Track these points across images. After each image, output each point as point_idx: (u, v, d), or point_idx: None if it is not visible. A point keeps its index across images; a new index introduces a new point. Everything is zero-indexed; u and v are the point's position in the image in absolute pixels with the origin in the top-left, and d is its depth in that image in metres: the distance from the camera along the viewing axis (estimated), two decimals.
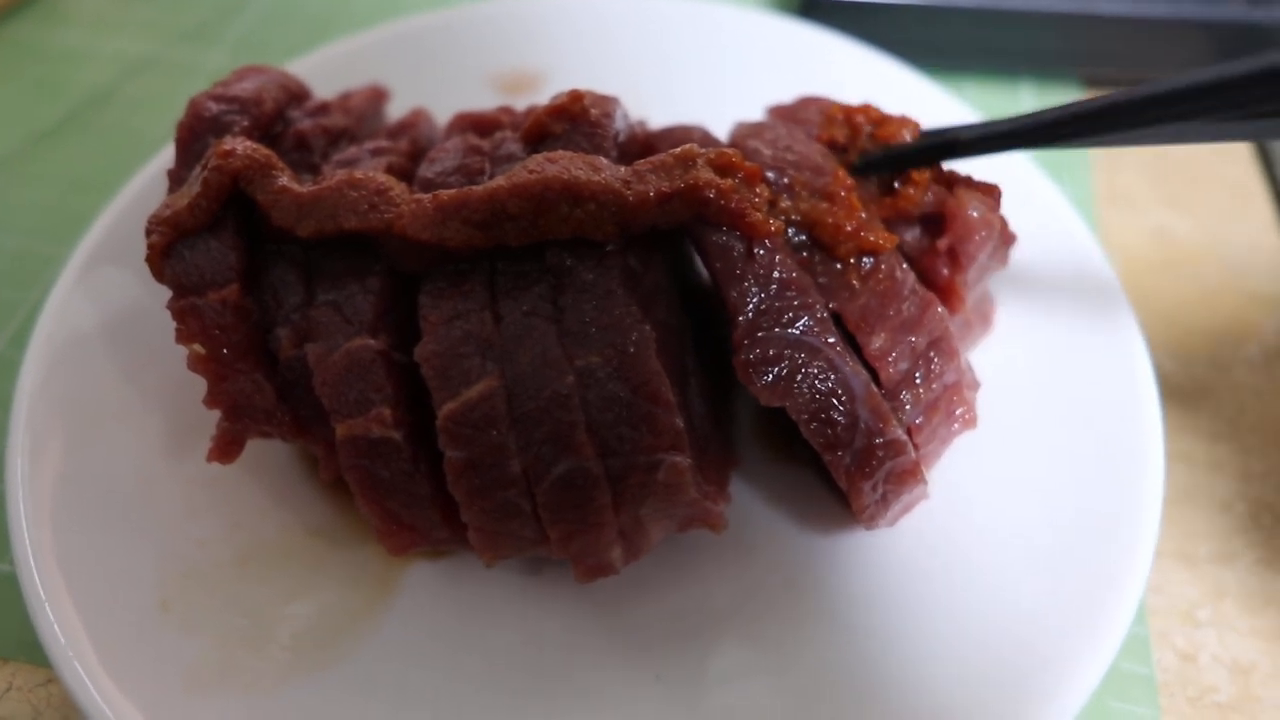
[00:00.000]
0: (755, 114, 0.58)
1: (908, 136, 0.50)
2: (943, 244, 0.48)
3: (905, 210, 0.48)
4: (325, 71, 0.66)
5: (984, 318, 0.54)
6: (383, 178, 0.45)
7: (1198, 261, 0.71)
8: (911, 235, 0.49)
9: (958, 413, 0.47)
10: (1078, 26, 0.80)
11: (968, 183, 0.49)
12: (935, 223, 0.49)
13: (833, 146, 0.51)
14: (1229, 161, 0.78)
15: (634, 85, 0.62)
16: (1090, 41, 0.81)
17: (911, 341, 0.45)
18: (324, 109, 0.54)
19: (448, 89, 0.69)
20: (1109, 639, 0.43)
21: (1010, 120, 0.49)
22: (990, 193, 0.49)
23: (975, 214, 0.48)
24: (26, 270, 0.67)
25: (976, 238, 0.48)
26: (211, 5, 0.89)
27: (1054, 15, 0.79)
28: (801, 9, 0.81)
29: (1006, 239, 0.50)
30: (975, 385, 0.49)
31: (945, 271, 0.49)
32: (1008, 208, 0.50)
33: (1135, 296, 0.56)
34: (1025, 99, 0.82)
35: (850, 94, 0.55)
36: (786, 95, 0.57)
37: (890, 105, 0.56)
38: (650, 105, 0.64)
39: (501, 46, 0.73)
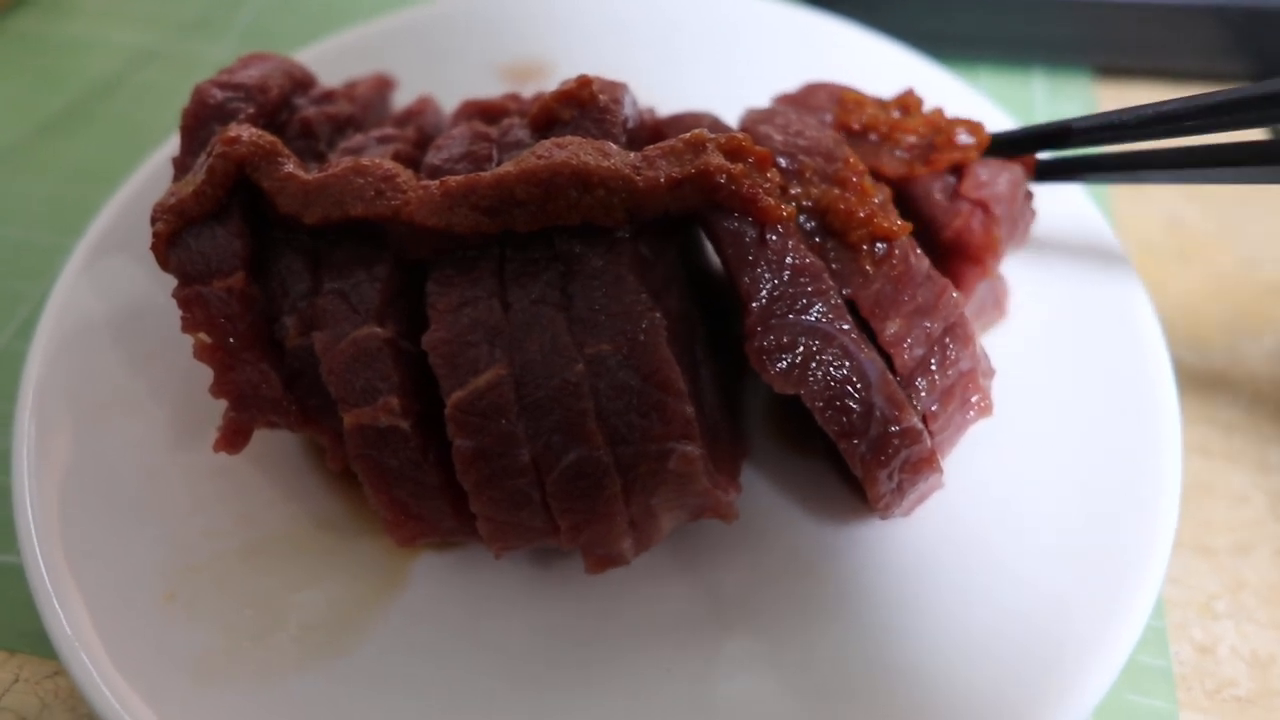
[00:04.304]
0: (763, 102, 0.57)
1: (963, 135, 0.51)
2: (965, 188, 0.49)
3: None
4: (331, 61, 0.66)
5: (997, 303, 0.54)
6: (389, 164, 0.44)
7: (1212, 251, 0.70)
8: (941, 187, 0.50)
9: (973, 400, 0.46)
10: (1090, 14, 0.79)
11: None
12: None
13: (849, 132, 0.50)
14: None
15: (642, 73, 0.61)
16: (1103, 29, 0.80)
17: (926, 327, 0.45)
18: (330, 97, 0.54)
19: (454, 78, 0.68)
20: (1127, 631, 0.42)
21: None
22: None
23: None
24: (32, 261, 0.66)
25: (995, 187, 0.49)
26: None
27: (1066, 2, 0.78)
28: None
29: (1028, 214, 0.50)
30: (990, 372, 0.48)
31: (978, 227, 0.48)
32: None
33: (1149, 286, 0.55)
34: (1038, 88, 0.82)
35: (862, 82, 0.55)
36: (797, 84, 0.56)
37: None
38: (658, 93, 0.63)
39: (508, 35, 0.72)
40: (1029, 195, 0.50)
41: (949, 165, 0.49)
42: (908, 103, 0.52)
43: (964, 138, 0.50)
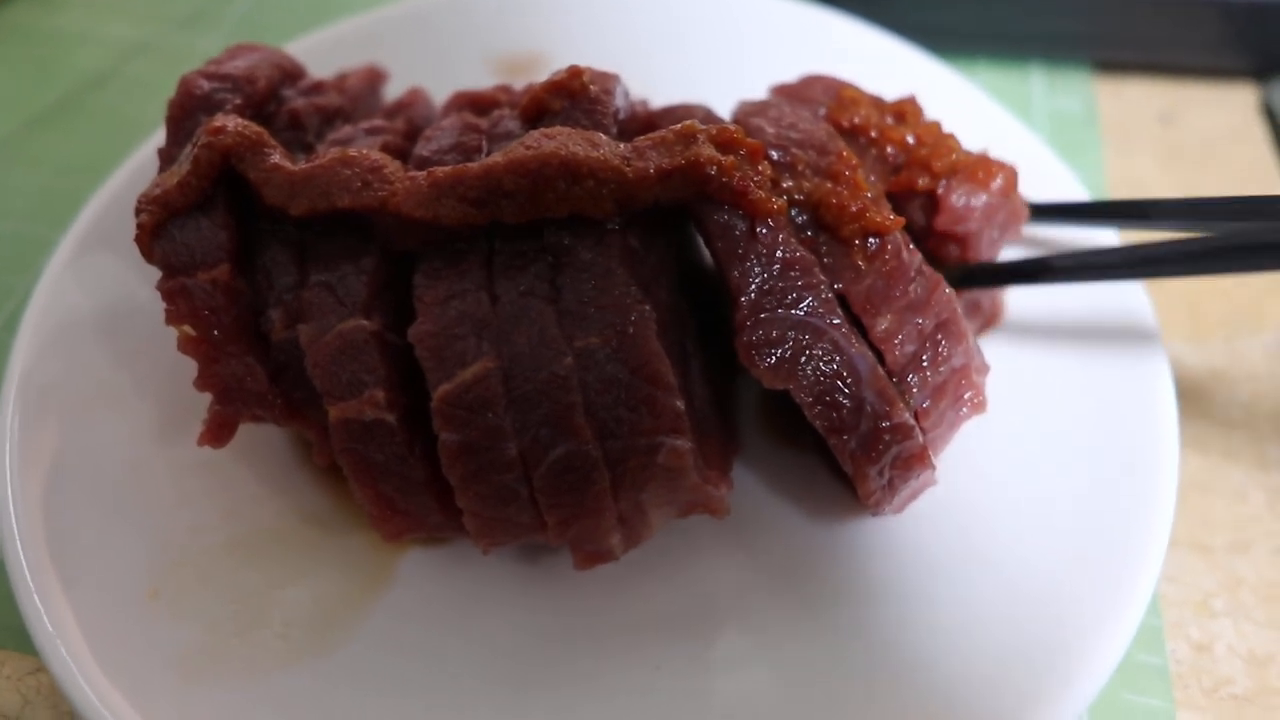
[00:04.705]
0: (758, 94, 0.56)
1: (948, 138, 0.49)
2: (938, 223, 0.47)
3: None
4: (322, 53, 0.65)
5: (992, 300, 0.53)
6: (377, 155, 0.44)
7: None
8: (921, 204, 0.48)
9: (966, 396, 0.46)
10: (1090, 7, 0.78)
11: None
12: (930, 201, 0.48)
13: (842, 130, 0.49)
14: (1242, 143, 0.77)
15: (635, 66, 0.60)
16: (1102, 23, 0.80)
17: (919, 323, 0.44)
18: (319, 88, 0.53)
19: (446, 71, 0.68)
20: (1123, 627, 0.42)
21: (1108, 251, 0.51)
22: (991, 175, 0.48)
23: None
24: (20, 254, 0.66)
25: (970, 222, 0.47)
26: None
27: None
28: None
29: (1018, 214, 0.49)
30: (984, 369, 0.48)
31: (955, 250, 0.48)
32: (1020, 189, 0.49)
33: (1149, 282, 0.55)
34: (1036, 82, 0.81)
35: (858, 76, 0.54)
36: (792, 76, 0.56)
37: (902, 88, 0.55)
38: (651, 86, 0.63)
39: (501, 28, 0.72)
40: (1017, 200, 0.49)
41: (908, 190, 0.48)
42: (904, 110, 0.50)
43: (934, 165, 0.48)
